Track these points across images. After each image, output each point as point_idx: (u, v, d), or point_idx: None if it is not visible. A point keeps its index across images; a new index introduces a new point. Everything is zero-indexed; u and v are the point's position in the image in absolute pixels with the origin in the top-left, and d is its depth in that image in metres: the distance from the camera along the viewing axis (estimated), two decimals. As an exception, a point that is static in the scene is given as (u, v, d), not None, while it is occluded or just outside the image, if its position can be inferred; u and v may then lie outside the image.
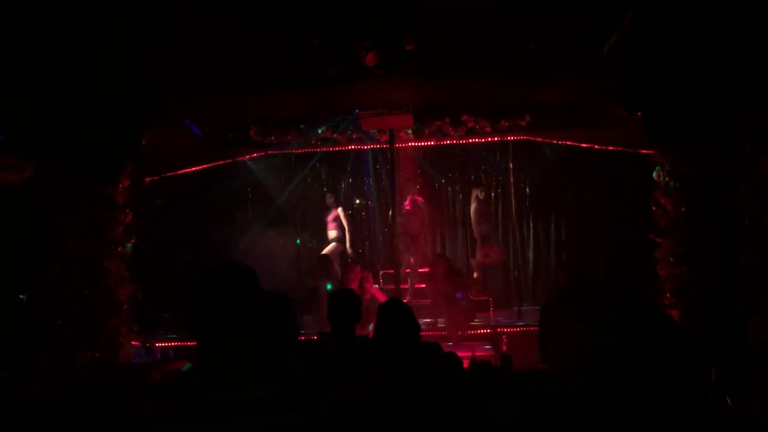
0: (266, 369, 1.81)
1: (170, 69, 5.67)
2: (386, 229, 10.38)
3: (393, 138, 8.00)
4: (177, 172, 8.58)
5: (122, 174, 6.25)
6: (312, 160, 10.26)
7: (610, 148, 8.04)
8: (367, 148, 9.40)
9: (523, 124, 7.66)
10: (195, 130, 7.52)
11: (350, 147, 8.89)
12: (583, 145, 8.28)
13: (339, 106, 7.46)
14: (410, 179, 9.78)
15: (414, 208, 9.23)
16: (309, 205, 10.54)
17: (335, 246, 9.61)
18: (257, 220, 10.38)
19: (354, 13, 4.78)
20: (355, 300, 3.55)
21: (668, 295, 5.81)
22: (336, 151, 9.50)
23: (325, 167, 10.76)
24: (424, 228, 9.43)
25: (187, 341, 7.08)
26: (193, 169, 8.69)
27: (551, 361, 1.90)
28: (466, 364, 4.56)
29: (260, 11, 4.89)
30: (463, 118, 7.69)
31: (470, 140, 8.57)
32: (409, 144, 8.60)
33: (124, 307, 6.21)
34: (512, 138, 8.39)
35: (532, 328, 7.26)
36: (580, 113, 7.24)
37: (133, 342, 6.38)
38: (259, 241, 9.82)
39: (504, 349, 7.03)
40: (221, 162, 8.98)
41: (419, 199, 9.43)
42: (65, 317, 5.85)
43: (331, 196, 9.99)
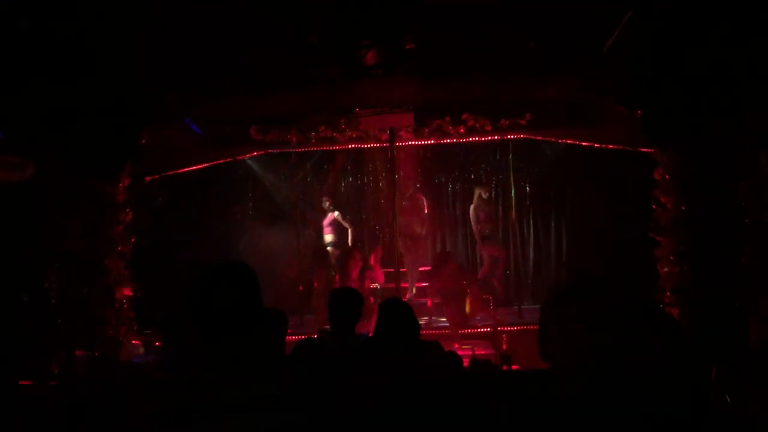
0: (266, 369, 1.81)
1: (170, 69, 5.66)
2: (386, 228, 10.36)
3: (393, 137, 7.99)
4: (177, 171, 8.56)
5: (122, 173, 6.26)
6: (312, 158, 10.24)
7: (611, 146, 8.02)
8: (367, 147, 9.36)
9: (523, 122, 7.66)
10: (195, 128, 7.51)
11: (350, 146, 8.87)
12: (584, 144, 8.27)
13: (339, 105, 7.45)
14: (410, 178, 9.74)
15: (415, 208, 9.18)
16: (309, 204, 10.52)
17: (331, 251, 9.56)
18: (258, 219, 10.36)
19: (354, 12, 4.78)
20: (356, 299, 3.55)
21: (668, 293, 5.82)
22: (336, 150, 9.48)
23: (326, 166, 10.72)
24: (424, 229, 9.39)
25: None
26: (194, 168, 8.67)
27: (551, 360, 1.90)
28: (466, 362, 4.58)
29: (260, 11, 4.89)
30: (464, 116, 7.68)
31: (470, 139, 8.56)
32: (409, 143, 8.57)
33: (125, 306, 6.22)
34: (512, 136, 8.37)
35: (532, 327, 7.26)
36: (580, 112, 7.23)
37: (133, 341, 6.37)
38: (259, 240, 9.81)
39: (504, 347, 7.02)
40: (222, 161, 8.96)
41: (420, 196, 9.39)
42: (65, 317, 5.85)
43: (327, 200, 9.87)
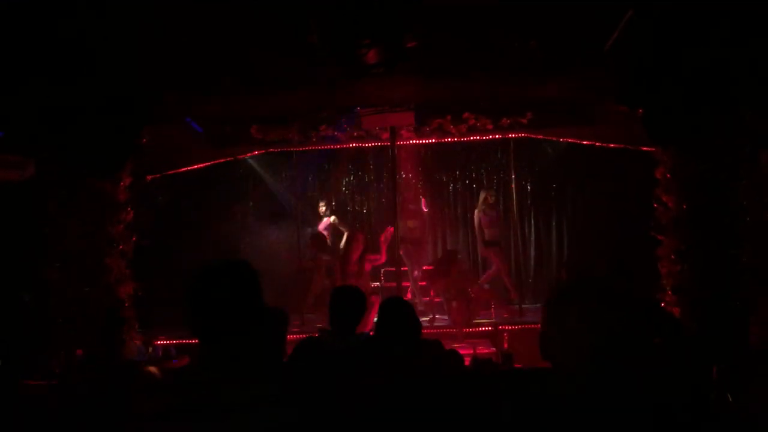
0: (266, 369, 1.81)
1: (170, 69, 5.67)
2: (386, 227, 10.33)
3: (394, 136, 7.99)
4: (178, 170, 8.57)
5: (123, 172, 6.26)
6: (312, 157, 10.23)
7: (612, 145, 8.01)
8: (368, 146, 9.34)
9: (525, 121, 7.65)
10: (196, 127, 7.52)
11: (351, 145, 8.86)
12: (585, 143, 8.26)
13: (339, 104, 7.45)
14: (411, 178, 9.71)
15: (417, 212, 9.12)
16: (309, 203, 10.51)
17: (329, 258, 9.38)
18: (259, 218, 10.36)
19: (354, 12, 4.77)
20: (357, 298, 3.54)
21: (669, 292, 5.81)
22: (336, 149, 9.47)
23: (325, 166, 10.71)
24: (426, 234, 9.35)
25: (189, 339, 7.06)
26: (195, 166, 8.67)
27: (552, 359, 1.90)
28: (467, 361, 4.58)
29: (260, 11, 4.89)
30: (465, 115, 7.68)
31: (471, 138, 8.55)
32: (411, 141, 8.57)
33: (126, 305, 6.22)
34: (513, 135, 8.37)
35: (533, 326, 7.26)
36: (581, 111, 7.23)
37: (135, 340, 6.38)
38: (260, 238, 9.80)
39: (505, 346, 7.02)
40: (222, 160, 8.96)
41: (422, 199, 9.37)
42: (65, 316, 5.85)
43: (323, 204, 9.83)
